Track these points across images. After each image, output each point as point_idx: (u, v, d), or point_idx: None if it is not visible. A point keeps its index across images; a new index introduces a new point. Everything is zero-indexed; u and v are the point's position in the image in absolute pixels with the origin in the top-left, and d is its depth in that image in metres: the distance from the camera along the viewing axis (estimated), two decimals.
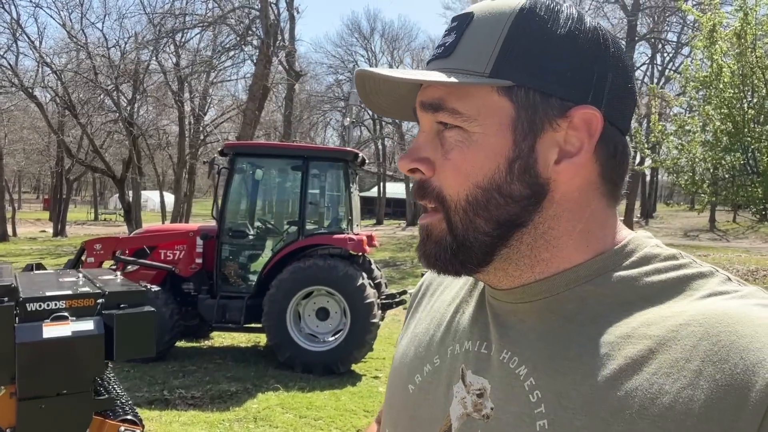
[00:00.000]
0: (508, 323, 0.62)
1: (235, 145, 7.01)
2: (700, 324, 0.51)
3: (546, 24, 0.59)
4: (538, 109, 0.58)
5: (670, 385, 0.50)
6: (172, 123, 24.97)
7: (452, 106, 0.59)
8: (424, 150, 0.62)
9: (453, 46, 0.61)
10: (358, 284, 5.85)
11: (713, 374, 0.48)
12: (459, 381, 0.63)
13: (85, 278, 3.68)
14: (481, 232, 0.59)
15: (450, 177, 0.60)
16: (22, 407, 2.94)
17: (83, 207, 45.97)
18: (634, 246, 0.61)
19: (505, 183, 0.58)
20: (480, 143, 0.59)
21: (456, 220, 0.60)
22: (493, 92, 0.58)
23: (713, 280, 0.57)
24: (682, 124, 10.54)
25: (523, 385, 0.57)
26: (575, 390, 0.54)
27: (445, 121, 0.60)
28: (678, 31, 22.84)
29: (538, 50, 0.58)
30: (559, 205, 0.60)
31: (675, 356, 0.51)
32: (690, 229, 29.74)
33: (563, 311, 0.59)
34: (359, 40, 43.20)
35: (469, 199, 0.59)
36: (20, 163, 31.03)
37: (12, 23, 17.84)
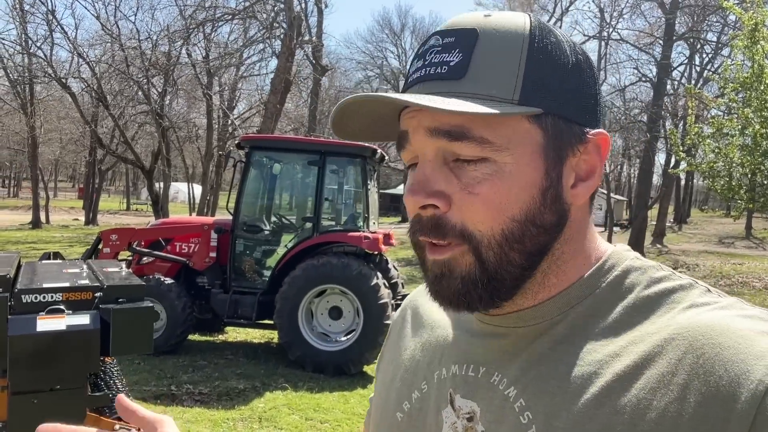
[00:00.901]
0: (496, 346, 0.62)
1: (252, 138, 6.94)
2: (684, 338, 0.52)
3: (556, 50, 0.58)
4: (564, 136, 0.58)
5: (657, 400, 0.50)
6: (201, 116, 25.24)
7: (480, 134, 0.55)
8: (436, 182, 0.58)
9: (463, 67, 0.57)
10: (372, 284, 5.72)
11: (699, 387, 0.49)
12: (448, 406, 0.63)
13: (88, 270, 3.65)
14: (514, 265, 0.58)
15: (480, 212, 0.56)
16: (14, 401, 2.89)
17: (116, 197, 47.05)
18: (614, 261, 0.62)
19: (539, 213, 0.58)
20: (513, 174, 0.56)
21: (489, 255, 0.57)
22: (523, 120, 0.57)
23: (693, 292, 0.57)
24: (720, 126, 10.13)
25: (513, 407, 0.57)
26: (565, 410, 0.54)
27: (468, 154, 0.56)
28: (718, 30, 22.04)
29: (556, 76, 0.58)
30: (570, 228, 0.60)
31: (661, 371, 0.51)
32: (725, 236, 28.80)
33: (554, 333, 0.59)
34: (389, 37, 43.06)
35: (506, 234, 0.57)
36: (56, 152, 31.82)
37: (48, 14, 18.22)
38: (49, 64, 17.71)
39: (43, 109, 25.05)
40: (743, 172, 9.94)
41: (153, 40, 18.19)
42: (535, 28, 0.58)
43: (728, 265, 16.53)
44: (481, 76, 0.56)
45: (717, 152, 9.86)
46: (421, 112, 0.58)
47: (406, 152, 0.61)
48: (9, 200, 42.14)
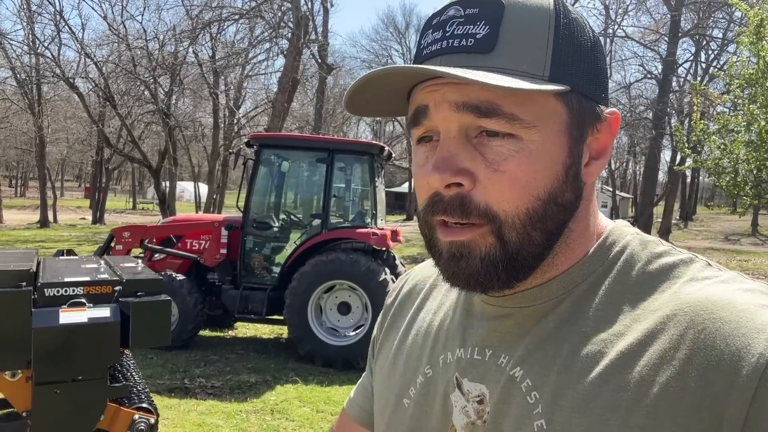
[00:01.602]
0: (502, 327, 0.61)
1: (261, 136, 7.02)
2: (685, 313, 0.52)
3: (577, 28, 0.58)
4: (585, 114, 0.58)
5: (660, 376, 0.50)
6: (207, 115, 25.37)
7: (510, 111, 0.54)
8: (460, 159, 0.56)
9: (491, 41, 0.55)
10: (380, 279, 5.80)
11: (701, 362, 0.49)
12: (456, 390, 0.62)
13: (106, 265, 3.73)
14: (534, 245, 0.57)
15: (506, 190, 0.55)
16: (38, 392, 2.98)
17: (122, 196, 47.28)
18: (615, 237, 0.62)
19: (561, 192, 0.57)
20: (539, 152, 0.55)
21: (512, 235, 0.56)
22: (550, 97, 0.56)
23: (694, 266, 0.57)
24: (726, 123, 10.15)
25: (520, 387, 0.57)
26: (571, 388, 0.54)
27: (497, 129, 0.55)
28: (724, 27, 21.98)
29: (579, 54, 0.58)
30: (581, 207, 0.60)
31: (663, 347, 0.51)
32: (731, 232, 28.75)
33: (558, 313, 0.59)
34: (394, 35, 43.13)
35: (530, 213, 0.56)
36: (63, 151, 32.02)
37: (55, 15, 18.36)
38: (57, 64, 17.85)
39: (51, 109, 25.24)
40: (749, 168, 9.96)
41: (160, 40, 18.34)
42: (558, 4, 0.58)
43: (734, 261, 16.54)
44: (510, 50, 0.55)
45: (722, 149, 9.89)
46: (446, 85, 0.55)
47: (420, 128, 0.59)
48: (16, 200, 42.42)
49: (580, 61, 0.58)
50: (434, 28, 0.58)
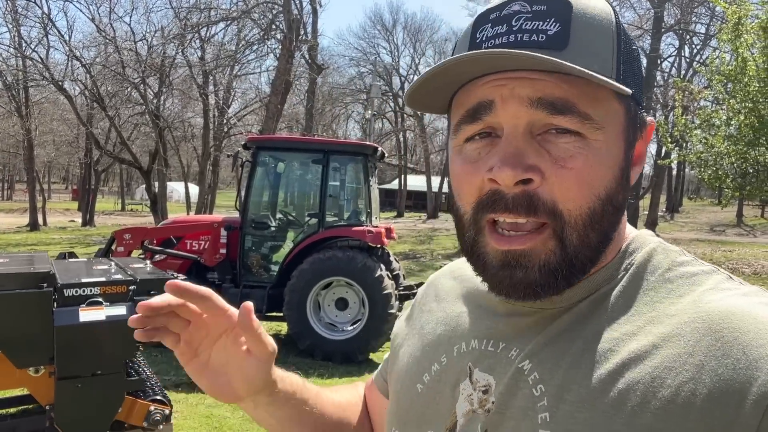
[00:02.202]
0: (520, 324, 0.62)
1: (258, 138, 7.20)
2: (704, 320, 0.52)
3: (627, 35, 0.59)
4: (637, 119, 0.60)
5: (672, 379, 0.50)
6: (197, 115, 25.37)
7: (584, 110, 0.54)
8: (529, 155, 0.55)
9: (564, 38, 0.54)
10: (376, 275, 6.00)
11: (716, 368, 0.49)
12: (466, 379, 0.63)
13: (116, 266, 3.90)
14: (590, 247, 0.57)
15: (573, 188, 0.55)
16: (60, 386, 3.17)
17: (110, 197, 46.98)
18: (637, 244, 0.62)
19: (616, 193, 0.57)
20: (602, 152, 0.56)
21: (572, 237, 0.56)
22: (613, 99, 0.57)
23: (715, 277, 0.57)
24: (707, 117, 10.43)
25: (527, 380, 0.58)
26: (577, 384, 0.54)
27: (569, 127, 0.55)
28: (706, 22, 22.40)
29: (633, 60, 0.59)
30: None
31: (678, 351, 0.51)
32: (716, 224, 29.24)
33: (575, 312, 0.59)
34: (382, 33, 43.20)
35: (591, 212, 0.56)
36: (50, 154, 31.82)
37: (43, 17, 18.31)
38: (46, 66, 17.83)
39: (39, 112, 25.12)
40: (730, 161, 10.24)
41: (148, 41, 18.37)
42: (615, 11, 0.59)
43: (719, 252, 16.90)
44: (582, 49, 0.55)
45: (704, 142, 10.18)
46: (516, 80, 0.55)
47: (479, 123, 0.57)
48: (3, 203, 42.06)
49: (634, 68, 0.59)
50: (494, 23, 0.57)
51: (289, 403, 0.77)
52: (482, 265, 0.59)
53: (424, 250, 18.12)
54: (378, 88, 25.70)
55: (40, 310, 3.06)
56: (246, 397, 0.72)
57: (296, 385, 0.79)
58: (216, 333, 0.69)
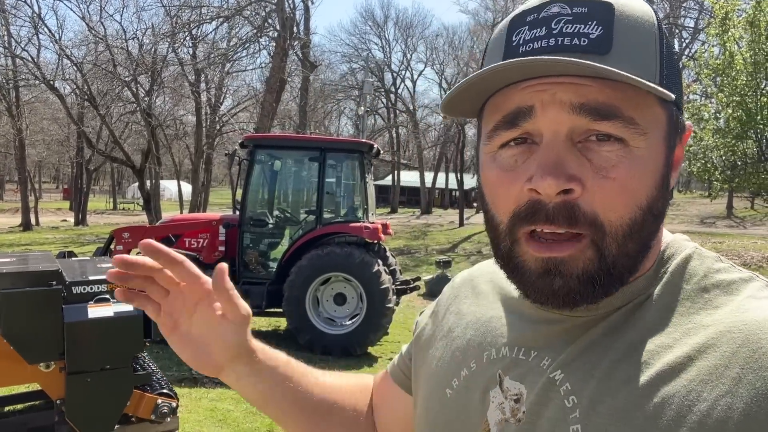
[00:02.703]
0: (550, 331, 0.61)
1: (255, 137, 7.27)
2: (740, 330, 0.50)
3: (669, 41, 0.58)
4: (678, 124, 0.58)
5: (708, 392, 0.48)
6: (189, 113, 25.35)
7: (630, 115, 0.53)
8: (570, 164, 0.53)
9: (606, 42, 0.53)
10: (373, 271, 6.10)
11: (753, 381, 0.47)
12: (496, 386, 0.62)
13: None
14: (630, 256, 0.55)
15: (615, 198, 0.53)
16: (70, 381, 3.25)
17: (102, 196, 46.79)
18: (673, 250, 0.60)
19: (656, 201, 0.56)
20: (644, 159, 0.54)
21: (612, 247, 0.54)
22: (656, 104, 0.55)
23: (753, 285, 0.56)
24: (696, 111, 10.58)
25: (559, 390, 0.56)
26: (610, 396, 0.53)
27: (612, 133, 0.53)
28: (695, 16, 22.61)
29: (674, 66, 0.58)
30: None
31: (714, 363, 0.50)
32: (707, 216, 29.55)
33: (608, 321, 0.58)
34: (373, 28, 43.25)
35: (632, 223, 0.54)
36: (41, 153, 31.66)
37: (33, 16, 18.23)
38: (36, 66, 17.77)
39: (29, 111, 25.00)
40: (718, 154, 10.40)
41: (139, 40, 18.34)
42: (657, 15, 0.58)
43: (709, 243, 17.10)
44: (626, 53, 0.53)
45: (693, 136, 10.35)
46: (558, 84, 0.53)
47: (517, 129, 0.56)
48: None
49: (675, 72, 0.58)
50: (532, 25, 0.55)
51: (271, 376, 0.78)
52: (520, 273, 0.58)
53: (419, 245, 18.25)
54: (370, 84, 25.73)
55: (50, 307, 3.14)
56: (226, 365, 0.75)
57: (279, 360, 0.80)
58: (192, 301, 0.72)
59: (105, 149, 20.76)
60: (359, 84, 34.29)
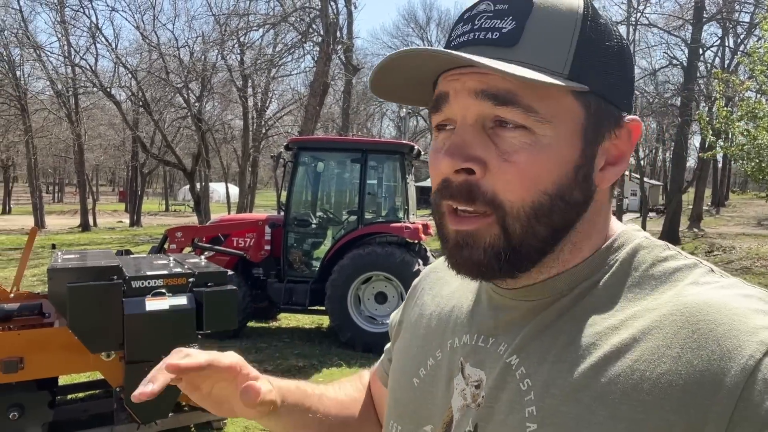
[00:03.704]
0: (505, 317, 0.64)
1: (299, 140, 7.49)
2: (682, 313, 0.53)
3: (605, 32, 0.59)
4: (603, 117, 0.59)
5: (651, 371, 0.51)
6: (236, 118, 26.07)
7: (528, 102, 0.56)
8: (473, 147, 0.57)
9: (515, 35, 0.57)
10: (414, 270, 6.19)
11: (691, 360, 0.50)
12: (459, 374, 0.65)
13: (175, 261, 4.23)
14: (538, 239, 0.59)
15: (514, 181, 0.57)
16: (129, 369, 3.49)
17: (154, 199, 48.51)
18: (623, 240, 0.63)
19: (569, 190, 0.58)
20: (551, 148, 0.57)
21: (516, 227, 0.58)
22: (568, 95, 0.57)
23: (696, 271, 0.58)
24: (750, 109, 10.22)
25: (515, 374, 0.59)
26: (562, 378, 0.55)
27: (511, 119, 0.56)
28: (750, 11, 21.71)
29: (603, 58, 0.58)
30: (592, 209, 0.61)
31: (657, 344, 0.52)
32: (764, 217, 28.28)
33: (559, 306, 0.61)
34: (415, 30, 43.40)
35: (535, 206, 0.57)
36: (98, 157, 33.09)
37: (91, 26, 19.15)
38: (94, 73, 18.66)
39: (87, 117, 26.23)
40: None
41: (190, 47, 19.03)
42: (588, 7, 0.59)
43: (766, 246, 16.40)
44: (533, 46, 0.56)
45: (746, 134, 9.99)
46: (467, 74, 0.57)
47: (440, 114, 0.61)
48: (54, 205, 43.89)
49: (604, 65, 0.58)
50: (465, 22, 0.60)
51: (293, 413, 0.81)
52: (444, 245, 0.62)
53: None
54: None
55: (112, 300, 3.38)
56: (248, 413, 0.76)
57: (298, 396, 0.82)
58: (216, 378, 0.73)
59: (158, 153, 21.57)
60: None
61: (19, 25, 19.96)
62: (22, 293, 3.95)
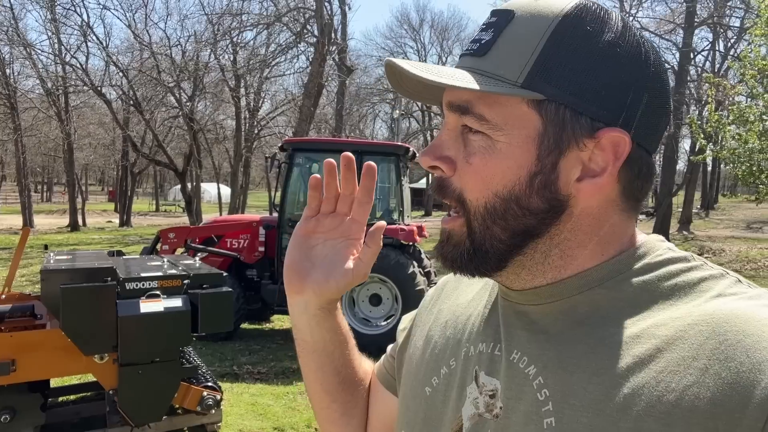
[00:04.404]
0: (519, 324, 0.63)
1: (294, 141, 7.45)
2: (708, 323, 0.52)
3: (588, 36, 0.57)
4: (567, 126, 0.57)
5: (676, 383, 0.50)
6: (228, 118, 25.97)
7: (479, 111, 0.58)
8: (447, 148, 0.62)
9: (488, 46, 0.59)
10: (409, 272, 6.18)
11: (719, 372, 0.49)
12: (472, 382, 0.64)
13: (169, 262, 4.18)
14: (497, 240, 0.60)
15: (470, 181, 0.60)
16: (123, 372, 3.44)
17: (145, 198, 48.22)
18: (645, 250, 0.61)
19: (524, 195, 0.58)
20: (503, 153, 0.58)
21: (475, 225, 0.61)
22: (522, 103, 0.57)
23: (723, 282, 0.57)
24: (741, 113, 10.31)
25: (532, 384, 0.58)
26: (582, 388, 0.54)
27: (471, 126, 0.60)
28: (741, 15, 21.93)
29: (576, 65, 0.56)
30: (578, 220, 0.60)
31: (682, 354, 0.51)
32: (753, 221, 28.54)
33: (574, 313, 0.59)
34: (408, 32, 43.42)
35: (488, 207, 0.60)
36: (88, 157, 32.85)
37: (82, 24, 18.98)
38: (85, 72, 18.51)
39: (77, 116, 26.01)
40: (765, 156, 10.10)
41: (182, 46, 18.93)
42: (575, 10, 0.58)
43: (755, 249, 16.54)
44: (497, 55, 0.58)
45: (737, 138, 10.07)
46: (447, 88, 0.61)
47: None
48: (43, 205, 43.51)
49: (574, 74, 0.56)
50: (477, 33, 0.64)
51: (330, 331, 0.80)
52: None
53: None
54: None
55: (105, 302, 3.33)
56: (309, 294, 0.76)
57: (344, 329, 0.83)
58: (340, 232, 0.76)
59: (149, 153, 21.44)
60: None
61: (10, 22, 19.74)
62: (13, 294, 3.89)
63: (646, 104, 0.58)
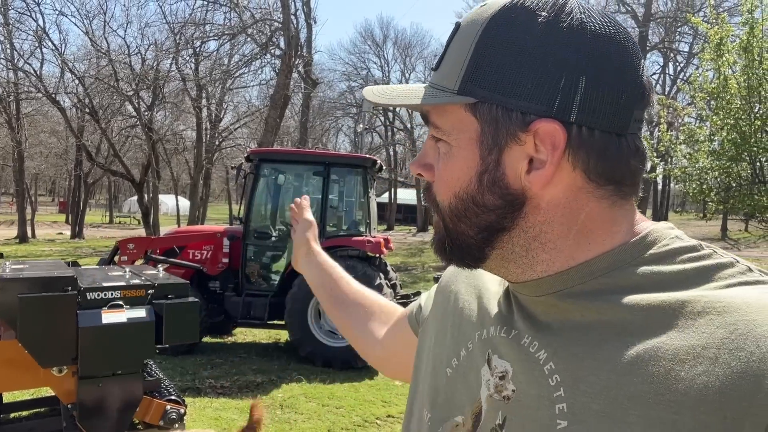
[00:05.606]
0: (529, 311, 0.64)
1: (261, 151, 7.39)
2: (718, 312, 0.52)
3: (516, 32, 0.58)
4: (500, 124, 0.59)
5: (686, 372, 0.50)
6: (189, 128, 25.51)
7: (434, 121, 0.64)
8: (428, 156, 0.67)
9: (441, 60, 0.64)
10: (375, 284, 6.16)
11: (728, 361, 0.49)
12: (485, 365, 0.66)
13: (131, 272, 4.05)
14: (466, 236, 0.64)
15: (438, 185, 0.65)
16: (83, 385, 3.30)
17: (97, 210, 46.67)
18: (653, 238, 0.61)
19: (478, 194, 0.62)
20: (455, 156, 0.63)
21: (447, 224, 0.66)
22: (461, 109, 0.61)
23: (733, 269, 0.57)
24: (691, 133, 10.76)
25: (543, 369, 0.58)
26: (594, 375, 0.54)
27: (434, 134, 0.65)
28: (689, 41, 23.05)
29: (502, 62, 0.58)
30: (548, 211, 0.60)
31: (692, 343, 0.51)
32: (701, 237, 29.14)
33: (580, 302, 0.60)
34: (372, 48, 43.80)
35: (451, 207, 0.64)
36: (39, 166, 31.70)
37: (37, 29, 18.39)
38: (39, 79, 17.90)
39: (29, 124, 25.08)
40: (713, 175, 10.56)
41: (142, 54, 18.54)
42: (502, 9, 0.59)
43: None
44: (444, 67, 0.63)
45: (688, 158, 10.51)
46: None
47: None
48: None
49: (501, 72, 0.58)
50: None
51: (317, 268, 1.19)
52: None
53: (416, 262, 18.31)
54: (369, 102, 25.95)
55: (65, 312, 3.20)
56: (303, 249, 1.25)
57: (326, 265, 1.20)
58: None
59: (105, 162, 20.84)
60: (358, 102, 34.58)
61: None
62: None
63: (586, 87, 0.57)
